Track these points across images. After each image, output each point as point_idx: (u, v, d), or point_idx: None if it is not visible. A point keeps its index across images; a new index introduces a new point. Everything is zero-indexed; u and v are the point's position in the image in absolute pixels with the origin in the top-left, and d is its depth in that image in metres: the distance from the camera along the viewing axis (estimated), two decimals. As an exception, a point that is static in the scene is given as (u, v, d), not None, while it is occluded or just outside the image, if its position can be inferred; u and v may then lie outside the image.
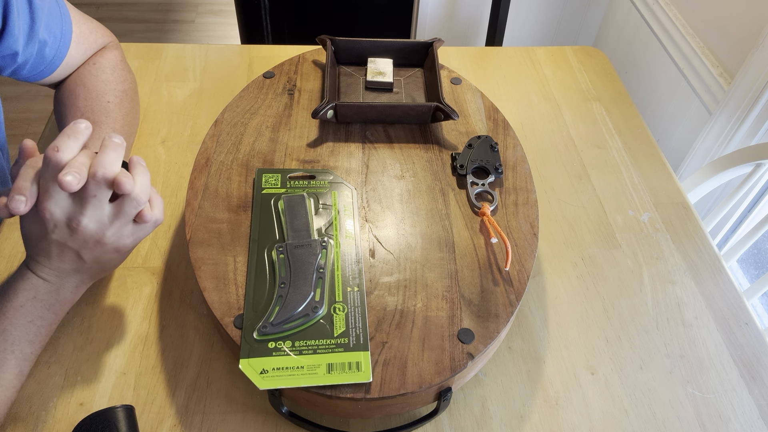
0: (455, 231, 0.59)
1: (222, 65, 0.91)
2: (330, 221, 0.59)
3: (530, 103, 0.89)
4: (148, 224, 0.53)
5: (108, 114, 0.69)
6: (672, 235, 0.73)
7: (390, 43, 0.76)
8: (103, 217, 0.50)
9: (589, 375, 0.59)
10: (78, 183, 0.47)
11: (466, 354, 0.50)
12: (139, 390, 0.55)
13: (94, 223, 0.50)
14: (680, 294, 0.67)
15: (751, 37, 1.12)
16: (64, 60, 0.70)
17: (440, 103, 0.68)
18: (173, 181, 0.74)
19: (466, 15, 1.76)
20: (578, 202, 0.76)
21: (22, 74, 0.68)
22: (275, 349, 0.49)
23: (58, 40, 0.68)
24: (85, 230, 0.50)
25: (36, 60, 0.67)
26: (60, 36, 0.68)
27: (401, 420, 0.55)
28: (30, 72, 0.68)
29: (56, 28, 0.67)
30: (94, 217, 0.50)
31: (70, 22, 0.70)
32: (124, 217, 0.51)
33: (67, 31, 0.69)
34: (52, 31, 0.67)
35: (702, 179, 0.93)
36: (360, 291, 0.54)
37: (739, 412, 0.57)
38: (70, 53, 0.70)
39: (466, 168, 0.64)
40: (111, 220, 0.51)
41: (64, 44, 0.69)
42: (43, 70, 0.69)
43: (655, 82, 1.43)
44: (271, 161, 0.65)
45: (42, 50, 0.66)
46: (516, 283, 0.55)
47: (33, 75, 0.69)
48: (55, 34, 0.67)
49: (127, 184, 0.48)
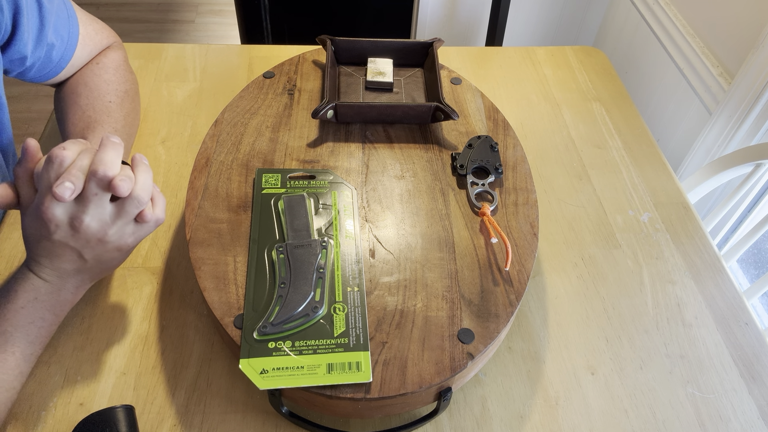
0: (455, 231, 0.59)
1: (222, 65, 0.91)
2: (330, 221, 0.59)
3: (530, 103, 0.89)
4: (149, 224, 0.53)
5: (109, 114, 0.69)
6: (672, 235, 0.73)
7: (390, 43, 0.76)
8: (105, 216, 0.50)
9: (589, 375, 0.59)
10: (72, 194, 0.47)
11: (466, 354, 0.50)
12: (139, 390, 0.55)
13: (96, 222, 0.50)
14: (680, 294, 0.67)
15: (751, 37, 1.12)
16: (70, 62, 0.70)
17: (440, 103, 0.68)
18: (173, 181, 0.74)
19: (466, 15, 1.76)
20: (578, 202, 0.76)
21: (28, 76, 0.68)
22: (275, 349, 0.49)
23: (65, 42, 0.68)
24: (87, 229, 0.50)
25: (43, 62, 0.67)
26: (67, 38, 0.68)
27: (401, 420, 0.55)
28: (37, 74, 0.68)
29: (64, 30, 0.68)
30: (96, 215, 0.49)
31: (78, 24, 0.70)
32: (125, 216, 0.51)
33: (74, 33, 0.69)
34: (59, 34, 0.67)
35: (702, 179, 0.93)
36: (360, 291, 0.54)
37: (739, 412, 0.57)
38: (76, 54, 0.71)
39: (466, 168, 0.64)
40: (113, 219, 0.50)
41: (71, 46, 0.69)
42: (49, 72, 0.69)
43: (655, 82, 1.43)
44: (271, 161, 0.65)
45: (50, 53, 0.66)
46: (516, 283, 0.55)
47: (39, 77, 0.69)
48: (62, 37, 0.67)
49: (124, 186, 0.48)
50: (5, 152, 0.69)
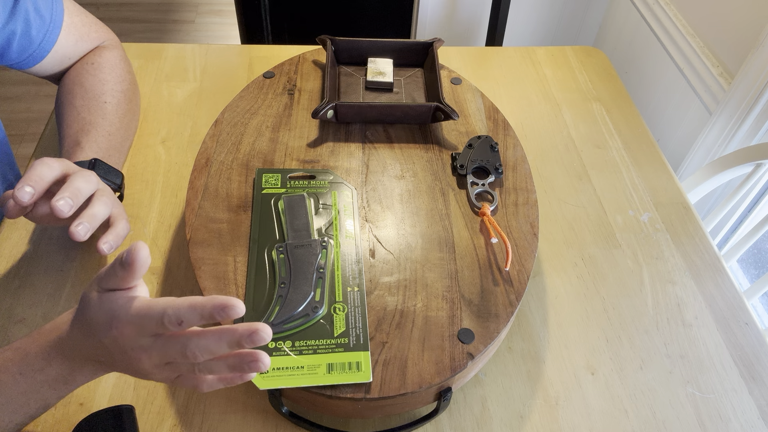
0: (455, 231, 0.59)
1: (222, 65, 0.91)
2: (330, 221, 0.59)
3: (530, 103, 0.89)
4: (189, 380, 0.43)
5: (104, 116, 0.69)
6: (672, 235, 0.73)
7: (390, 43, 0.76)
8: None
9: (589, 375, 0.59)
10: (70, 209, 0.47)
11: (466, 354, 0.50)
12: (139, 390, 0.55)
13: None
14: (680, 294, 0.67)
15: (751, 37, 1.12)
16: (54, 48, 0.69)
17: (440, 103, 0.68)
18: (173, 181, 0.74)
19: (466, 15, 1.76)
20: (578, 202, 0.76)
21: (10, 57, 0.66)
22: (275, 349, 0.49)
23: (48, 23, 0.67)
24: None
25: (22, 42, 0.66)
26: (49, 20, 0.67)
27: (401, 420, 0.55)
28: (19, 56, 0.67)
29: (45, 10, 0.67)
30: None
31: (62, 8, 0.69)
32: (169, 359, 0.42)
33: (57, 16, 0.68)
34: (39, 13, 0.66)
35: (702, 179, 0.93)
36: (360, 291, 0.54)
37: (739, 412, 0.57)
38: (60, 41, 0.70)
39: (466, 168, 0.64)
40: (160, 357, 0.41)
41: (54, 29, 0.68)
42: (32, 55, 0.68)
43: (655, 82, 1.43)
44: (271, 161, 0.65)
45: (28, 31, 0.65)
46: (516, 283, 0.55)
47: (23, 60, 0.68)
48: (43, 17, 0.66)
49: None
50: None
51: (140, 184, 0.73)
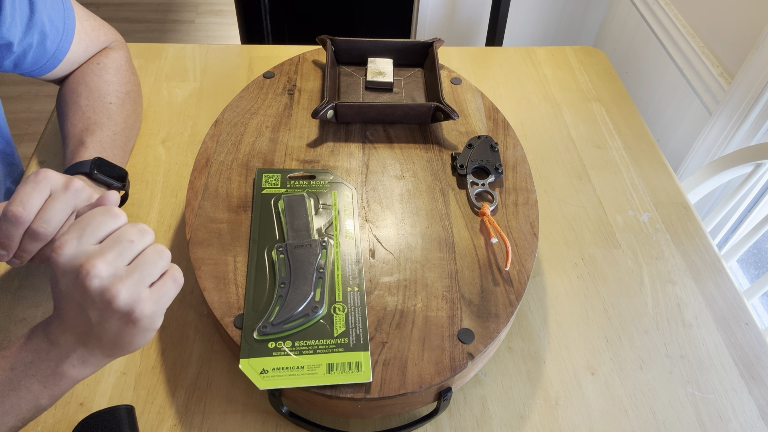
0: (455, 231, 0.59)
1: (222, 65, 0.91)
2: (330, 221, 0.59)
3: (530, 103, 0.89)
4: (167, 283, 0.42)
5: (109, 116, 0.69)
6: (672, 235, 0.73)
7: (390, 43, 0.76)
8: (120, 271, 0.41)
9: (589, 375, 0.59)
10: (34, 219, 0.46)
11: (466, 354, 0.50)
12: (139, 390, 0.55)
13: (108, 269, 0.40)
14: (680, 294, 0.67)
15: (751, 37, 1.12)
16: (67, 55, 0.69)
17: (440, 103, 0.68)
18: (173, 181, 0.74)
19: (466, 15, 1.76)
20: (578, 202, 0.76)
21: (24, 68, 0.67)
22: (275, 349, 0.49)
23: (61, 33, 0.67)
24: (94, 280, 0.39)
25: (37, 53, 0.66)
26: (62, 30, 0.67)
27: (401, 420, 0.55)
28: (32, 66, 0.67)
29: (58, 20, 0.67)
30: (111, 265, 0.40)
31: (74, 16, 0.69)
32: (140, 273, 0.41)
33: (70, 25, 0.68)
34: (54, 24, 0.66)
35: (702, 179, 0.93)
36: (360, 291, 0.54)
37: (739, 412, 0.57)
38: (73, 48, 0.70)
39: (466, 168, 0.64)
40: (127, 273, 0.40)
41: (66, 38, 0.68)
42: (45, 64, 0.68)
43: (655, 82, 1.43)
44: (271, 161, 0.65)
45: (43, 42, 0.65)
46: (516, 283, 0.55)
47: (36, 69, 0.68)
48: (57, 27, 0.66)
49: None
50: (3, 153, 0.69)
51: (140, 184, 0.73)
